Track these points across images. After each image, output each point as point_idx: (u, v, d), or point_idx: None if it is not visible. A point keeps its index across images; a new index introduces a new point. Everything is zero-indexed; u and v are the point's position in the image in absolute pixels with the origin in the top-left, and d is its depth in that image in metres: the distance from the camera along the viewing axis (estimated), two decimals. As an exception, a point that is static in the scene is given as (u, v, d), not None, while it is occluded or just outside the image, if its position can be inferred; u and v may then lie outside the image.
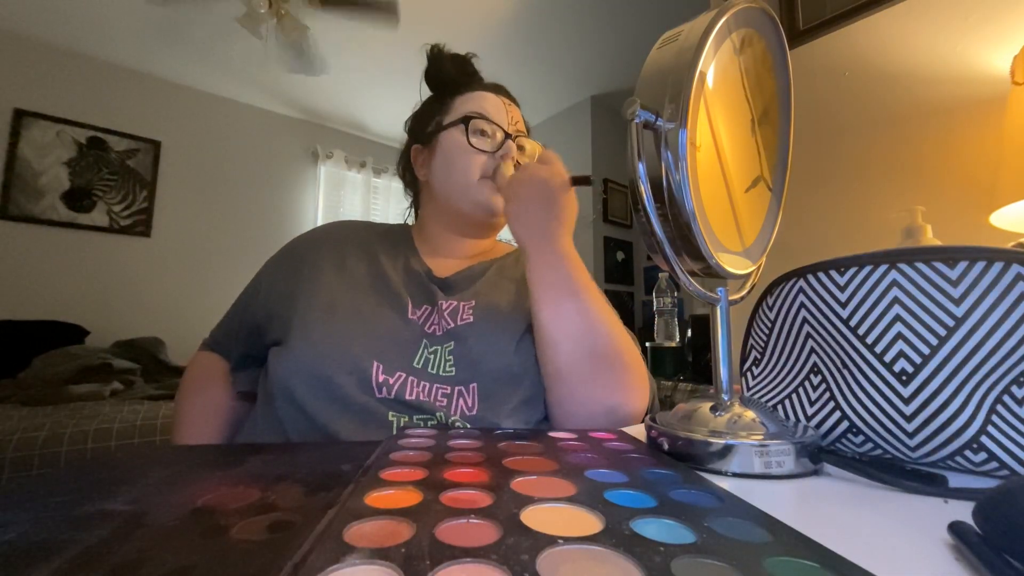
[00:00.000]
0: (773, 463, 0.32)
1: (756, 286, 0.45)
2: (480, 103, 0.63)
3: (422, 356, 0.54)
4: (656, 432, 0.37)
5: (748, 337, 0.50)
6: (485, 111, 0.62)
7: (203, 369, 0.67)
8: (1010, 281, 0.32)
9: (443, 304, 0.57)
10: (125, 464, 0.36)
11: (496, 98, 0.64)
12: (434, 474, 0.26)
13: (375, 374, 0.50)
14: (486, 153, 0.61)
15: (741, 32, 0.39)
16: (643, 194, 0.35)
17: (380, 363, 0.51)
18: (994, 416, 0.33)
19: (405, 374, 0.51)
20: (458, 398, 0.51)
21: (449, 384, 0.52)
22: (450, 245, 0.67)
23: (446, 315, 0.57)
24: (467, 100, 0.63)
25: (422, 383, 0.51)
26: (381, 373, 0.51)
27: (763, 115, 0.43)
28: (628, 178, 0.35)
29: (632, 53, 2.79)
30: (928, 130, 1.07)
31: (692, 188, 0.34)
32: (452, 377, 0.53)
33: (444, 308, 0.57)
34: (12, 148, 2.54)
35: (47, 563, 0.17)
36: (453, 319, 0.56)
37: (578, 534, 0.18)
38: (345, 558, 0.15)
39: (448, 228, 0.66)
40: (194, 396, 0.65)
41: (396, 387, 0.50)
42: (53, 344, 2.13)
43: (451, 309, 0.57)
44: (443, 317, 0.56)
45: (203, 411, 0.64)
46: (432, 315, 0.57)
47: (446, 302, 0.58)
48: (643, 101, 0.34)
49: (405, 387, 0.50)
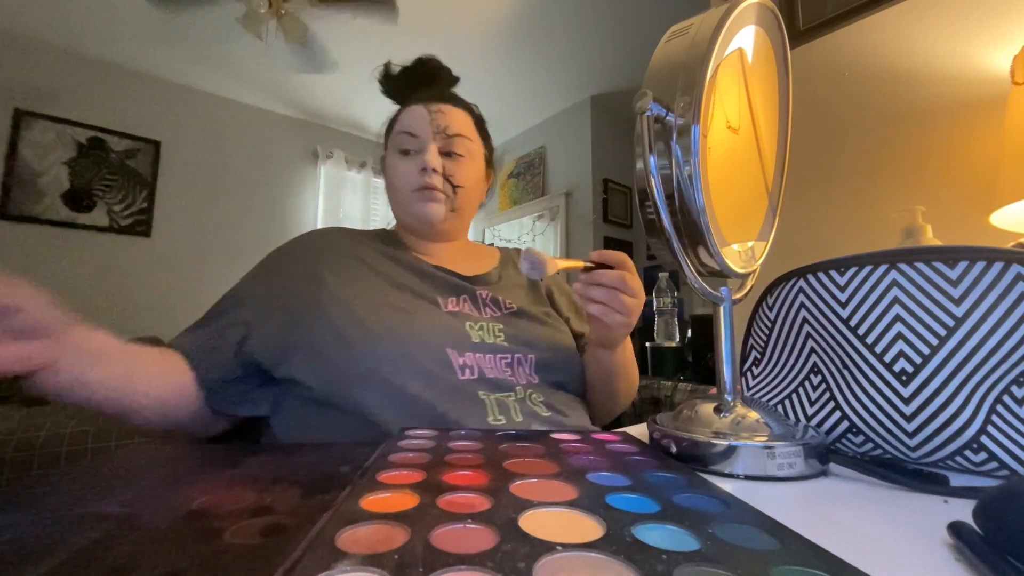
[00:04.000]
0: (785, 465, 0.31)
1: (756, 286, 0.45)
2: (406, 120, 0.65)
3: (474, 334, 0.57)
4: (660, 434, 0.36)
5: (748, 337, 0.50)
6: (408, 128, 0.64)
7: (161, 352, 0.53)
8: (1010, 281, 0.32)
9: (482, 293, 0.63)
10: (123, 465, 0.36)
11: (421, 109, 0.65)
12: (432, 476, 0.25)
13: (453, 358, 0.53)
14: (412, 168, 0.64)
15: (749, 28, 0.38)
16: (653, 188, 0.34)
17: (453, 349, 0.53)
18: (994, 416, 0.33)
19: (473, 352, 0.55)
20: (518, 367, 0.57)
21: (509, 353, 0.57)
22: (432, 246, 0.69)
23: (488, 302, 0.62)
24: (399, 117, 0.67)
25: (487, 356, 0.55)
26: (459, 356, 0.53)
27: (764, 113, 0.43)
28: (635, 171, 0.35)
29: (632, 53, 2.78)
30: (928, 130, 1.07)
31: (703, 182, 0.34)
32: (506, 346, 0.57)
33: (485, 297, 0.63)
34: (12, 148, 2.54)
35: (38, 566, 0.16)
36: (497, 307, 0.63)
37: (577, 540, 0.18)
38: (336, 565, 0.15)
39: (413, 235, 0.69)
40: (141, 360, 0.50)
41: (476, 367, 0.53)
42: (53, 344, 2.12)
43: (491, 298, 0.63)
44: (487, 304, 0.62)
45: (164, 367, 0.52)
46: (470, 304, 0.61)
47: (484, 291, 0.63)
48: (654, 94, 0.34)
49: (483, 364, 0.54)
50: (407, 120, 0.65)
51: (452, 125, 0.65)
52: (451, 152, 0.65)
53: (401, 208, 0.67)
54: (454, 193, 0.65)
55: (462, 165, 0.66)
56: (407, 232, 0.70)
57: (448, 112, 0.66)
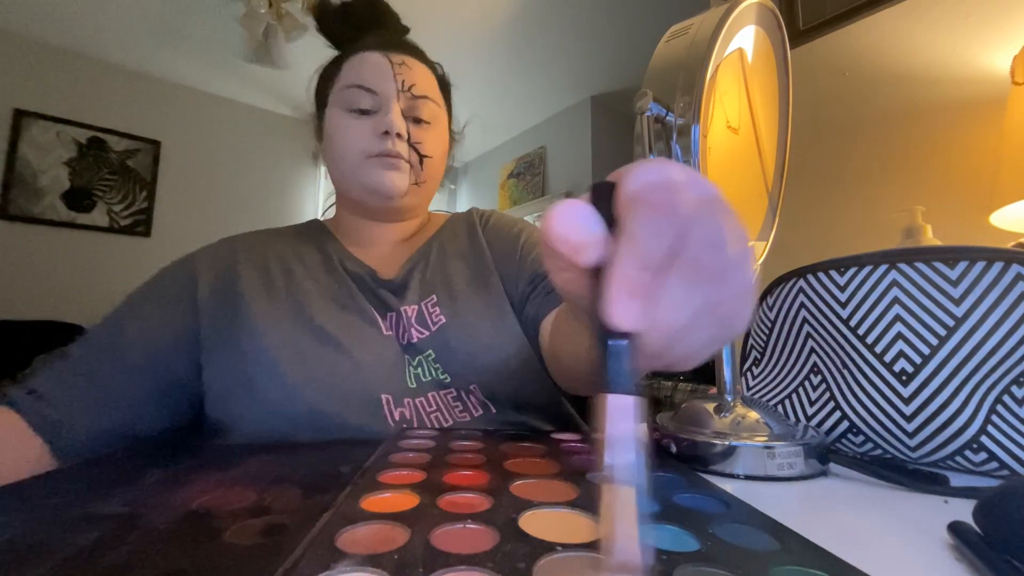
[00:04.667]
0: (785, 465, 0.31)
1: (756, 286, 0.45)
2: (359, 71, 0.52)
3: (410, 374, 0.48)
4: (660, 434, 0.36)
5: (748, 337, 0.50)
6: (363, 81, 0.52)
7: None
8: (1010, 281, 0.32)
9: (407, 311, 0.52)
10: (123, 465, 0.36)
11: (380, 57, 0.52)
12: (433, 476, 0.25)
13: (388, 411, 0.45)
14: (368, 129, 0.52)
15: (749, 28, 0.38)
16: None
17: (388, 395, 0.46)
18: (994, 416, 0.33)
19: (411, 398, 0.47)
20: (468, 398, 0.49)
21: (453, 388, 0.49)
22: (373, 233, 0.58)
23: (415, 323, 0.51)
24: (348, 66, 0.54)
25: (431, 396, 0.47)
26: (394, 407, 0.45)
27: (764, 113, 0.43)
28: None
29: (632, 53, 2.78)
30: (928, 130, 1.07)
31: None
32: (447, 380, 0.49)
33: (410, 315, 0.51)
34: (12, 148, 2.54)
35: (37, 566, 0.16)
36: (424, 326, 0.51)
37: (577, 541, 0.18)
38: (336, 565, 0.15)
39: (358, 215, 0.58)
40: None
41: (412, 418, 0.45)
42: (53, 344, 2.12)
43: (417, 314, 0.52)
44: (412, 325, 0.51)
45: None
46: (399, 324, 0.51)
47: (408, 307, 0.52)
48: (654, 94, 0.34)
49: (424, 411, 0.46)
50: (362, 71, 0.52)
51: (419, 84, 0.54)
52: (418, 118, 0.54)
53: (349, 178, 0.53)
54: (420, 164, 0.54)
55: (429, 132, 0.55)
56: (350, 213, 0.58)
57: (413, 67, 0.54)
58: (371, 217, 0.58)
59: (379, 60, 0.52)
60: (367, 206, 0.56)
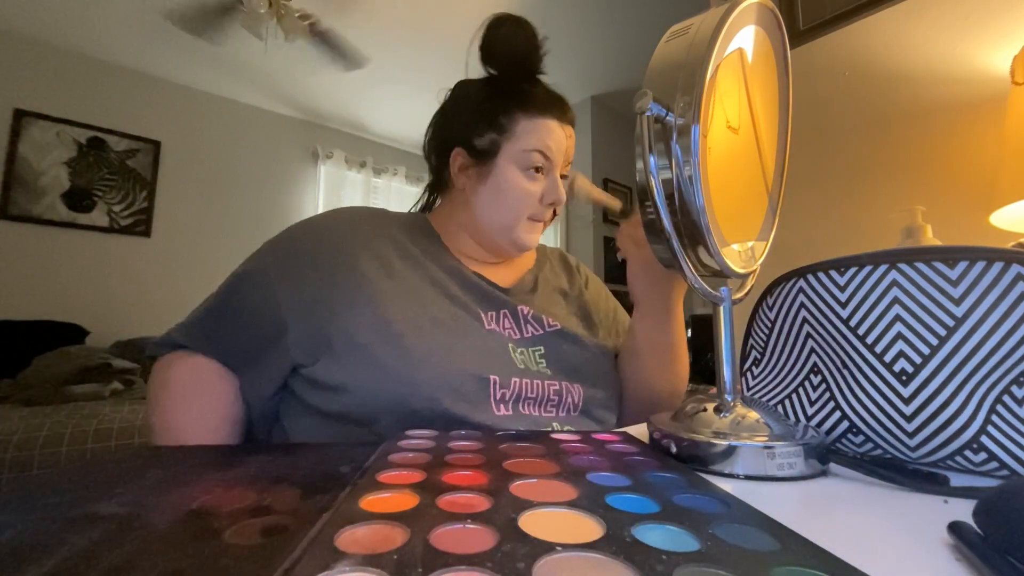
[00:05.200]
0: (785, 465, 0.31)
1: (756, 286, 0.45)
2: (544, 137, 0.57)
3: (517, 358, 0.54)
4: (660, 434, 0.36)
5: (748, 337, 0.50)
6: (545, 147, 0.57)
7: (193, 371, 0.52)
8: (1010, 281, 0.32)
9: (523, 310, 0.58)
10: (123, 465, 0.36)
11: (560, 130, 0.58)
12: (432, 477, 0.25)
13: (493, 387, 0.49)
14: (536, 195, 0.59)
15: (749, 28, 0.38)
16: (654, 188, 0.34)
17: (495, 376, 0.50)
18: (994, 416, 0.33)
19: (519, 378, 0.51)
20: (567, 395, 0.54)
21: (556, 381, 0.54)
22: (479, 252, 0.64)
23: (531, 320, 0.58)
24: (532, 128, 0.57)
25: (534, 382, 0.52)
26: (499, 386, 0.50)
27: (764, 113, 0.43)
28: (635, 171, 0.35)
29: (632, 53, 2.79)
30: (928, 130, 1.07)
31: (703, 182, 0.34)
32: (549, 374, 0.54)
33: (526, 313, 0.58)
34: (12, 148, 2.54)
35: (36, 566, 0.16)
36: (539, 324, 0.58)
37: (577, 541, 0.18)
38: (336, 565, 0.15)
39: (476, 241, 0.63)
40: (191, 401, 0.51)
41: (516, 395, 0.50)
42: (53, 344, 2.13)
43: (533, 314, 0.58)
44: (528, 322, 0.58)
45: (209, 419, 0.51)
46: (510, 321, 0.57)
47: (526, 307, 0.58)
48: (654, 94, 0.34)
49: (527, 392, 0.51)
50: (547, 139, 0.57)
51: (572, 147, 0.61)
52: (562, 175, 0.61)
53: (502, 230, 0.59)
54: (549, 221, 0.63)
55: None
56: (472, 238, 0.63)
57: (570, 137, 0.61)
58: (488, 250, 0.64)
59: (559, 133, 0.59)
60: (499, 250, 0.63)
